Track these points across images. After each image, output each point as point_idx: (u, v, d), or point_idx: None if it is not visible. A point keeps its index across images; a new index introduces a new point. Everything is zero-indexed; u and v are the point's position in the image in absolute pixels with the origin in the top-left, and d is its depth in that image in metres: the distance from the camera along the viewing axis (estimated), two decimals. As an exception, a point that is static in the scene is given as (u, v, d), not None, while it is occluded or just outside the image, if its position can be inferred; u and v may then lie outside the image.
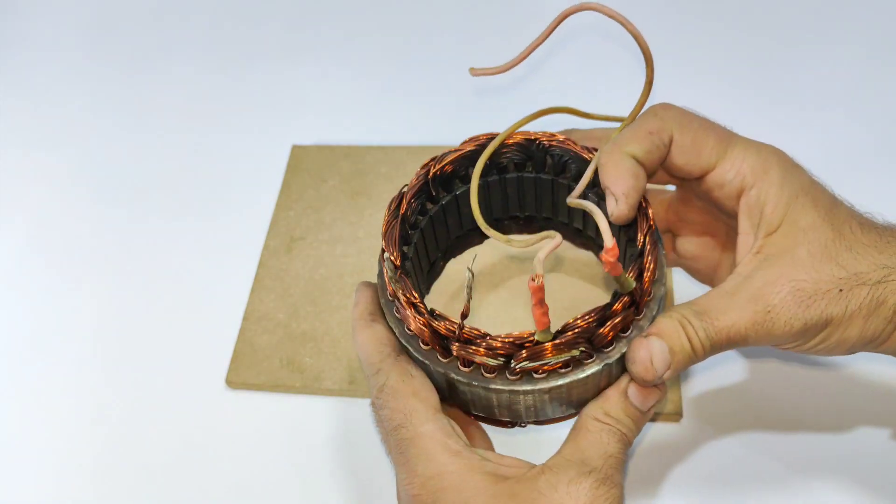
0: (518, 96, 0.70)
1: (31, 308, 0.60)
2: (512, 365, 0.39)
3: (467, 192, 0.44)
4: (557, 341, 0.38)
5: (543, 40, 0.40)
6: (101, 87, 0.75)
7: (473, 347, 0.39)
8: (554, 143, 0.44)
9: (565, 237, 0.49)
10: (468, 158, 0.45)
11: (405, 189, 0.44)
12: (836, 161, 0.60)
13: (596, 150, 0.43)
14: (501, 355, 0.39)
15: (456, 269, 0.49)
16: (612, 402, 0.41)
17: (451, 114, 0.70)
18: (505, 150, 0.45)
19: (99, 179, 0.68)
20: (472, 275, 0.39)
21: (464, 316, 0.40)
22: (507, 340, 0.39)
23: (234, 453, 0.52)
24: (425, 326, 0.40)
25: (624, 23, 0.38)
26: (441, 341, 0.40)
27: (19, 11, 0.83)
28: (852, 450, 0.50)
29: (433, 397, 0.41)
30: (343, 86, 0.73)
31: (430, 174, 0.44)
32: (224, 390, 0.55)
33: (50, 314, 0.60)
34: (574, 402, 0.42)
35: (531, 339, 0.39)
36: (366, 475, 0.51)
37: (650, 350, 0.39)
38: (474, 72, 0.40)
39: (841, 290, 0.39)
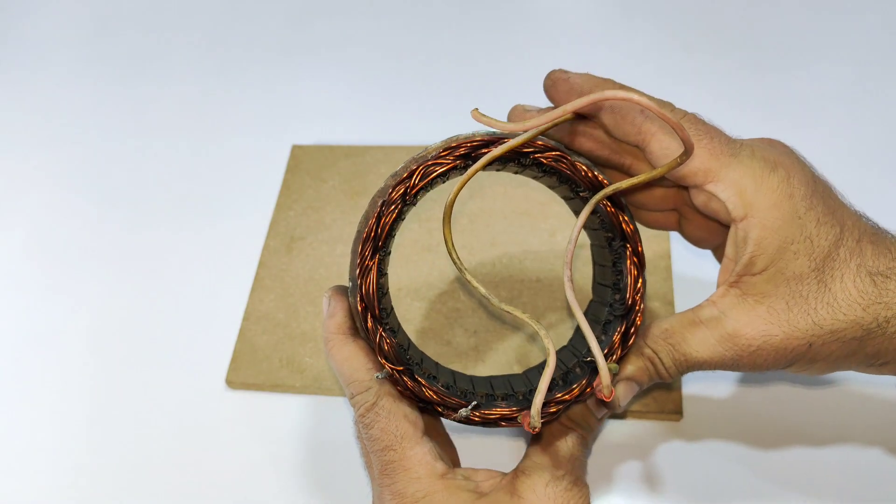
0: (518, 97, 0.70)
1: (32, 308, 0.60)
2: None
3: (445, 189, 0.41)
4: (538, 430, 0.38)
5: (549, 126, 0.38)
6: (101, 87, 0.75)
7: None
8: (550, 161, 0.41)
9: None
10: (451, 168, 0.41)
11: (384, 198, 0.40)
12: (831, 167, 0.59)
13: (596, 172, 0.41)
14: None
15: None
16: (574, 409, 0.43)
17: (451, 114, 0.69)
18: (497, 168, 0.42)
19: (99, 180, 0.68)
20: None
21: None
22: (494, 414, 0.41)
23: (234, 453, 0.52)
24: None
25: (657, 111, 0.36)
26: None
27: (19, 13, 0.83)
28: (852, 450, 0.50)
29: (420, 420, 0.41)
30: (343, 86, 0.73)
31: (412, 183, 0.40)
32: (224, 390, 0.55)
33: (50, 314, 0.60)
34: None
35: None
36: (365, 475, 0.51)
37: (617, 396, 0.41)
38: (476, 116, 0.38)
39: (811, 346, 0.38)
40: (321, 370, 0.54)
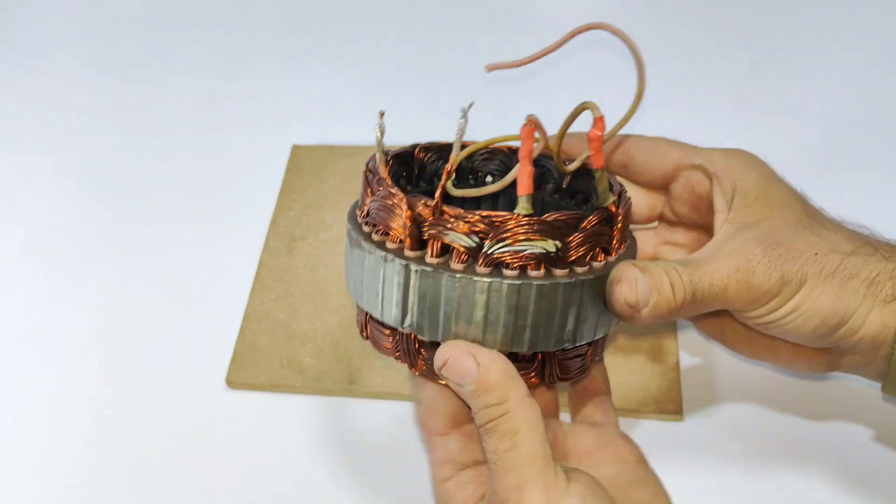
0: (518, 96, 0.70)
1: (31, 308, 0.60)
2: (485, 249, 0.36)
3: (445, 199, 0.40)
4: (539, 219, 0.36)
5: (556, 48, 0.39)
6: (101, 87, 0.75)
7: (448, 220, 0.36)
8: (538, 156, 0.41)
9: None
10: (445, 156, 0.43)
11: (389, 152, 0.42)
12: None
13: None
14: (475, 233, 0.36)
15: None
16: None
17: (452, 114, 0.69)
18: (486, 159, 0.44)
19: (99, 180, 0.68)
20: (466, 120, 0.35)
21: (448, 175, 0.36)
22: (485, 216, 0.36)
23: (235, 453, 0.52)
24: (405, 203, 0.37)
25: (627, 41, 0.37)
26: (418, 227, 0.37)
27: (19, 13, 0.83)
28: (852, 450, 0.50)
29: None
30: (343, 86, 0.73)
31: (417, 151, 0.43)
32: (224, 390, 0.55)
33: (50, 314, 0.60)
34: (539, 332, 0.38)
35: (511, 216, 0.36)
36: (365, 475, 0.51)
37: (634, 273, 0.38)
38: (490, 67, 0.39)
39: (816, 254, 0.40)
40: (321, 370, 0.54)
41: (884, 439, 0.50)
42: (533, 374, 0.40)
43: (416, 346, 0.40)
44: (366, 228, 0.40)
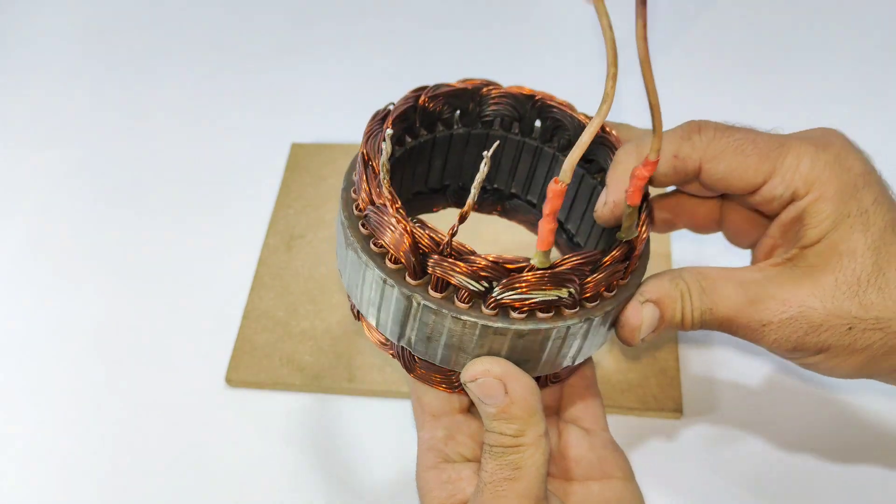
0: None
1: (31, 305, 0.60)
2: (493, 294, 0.34)
3: (446, 137, 0.41)
4: (554, 271, 0.33)
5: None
6: (100, 85, 0.75)
7: (457, 264, 0.33)
8: (555, 104, 0.40)
9: (530, 222, 0.46)
10: (458, 98, 0.41)
11: (391, 106, 0.39)
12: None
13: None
14: (485, 278, 0.33)
15: None
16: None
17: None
18: (496, 102, 0.41)
19: (99, 178, 0.68)
20: (488, 166, 0.32)
21: (462, 219, 0.33)
22: (496, 261, 0.33)
23: (234, 451, 0.52)
24: (407, 234, 0.34)
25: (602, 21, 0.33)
26: (421, 258, 0.34)
27: (19, 13, 0.83)
28: (852, 450, 0.50)
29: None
30: (342, 84, 0.73)
31: (420, 101, 0.40)
32: (224, 388, 0.55)
33: (49, 312, 0.60)
34: (540, 364, 0.37)
35: (524, 264, 0.34)
36: (365, 473, 0.51)
37: (641, 318, 0.37)
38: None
39: (850, 329, 0.36)
40: (321, 368, 0.54)
41: (885, 440, 0.50)
42: None
43: (414, 356, 0.38)
44: (363, 230, 0.36)
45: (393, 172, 0.38)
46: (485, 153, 0.32)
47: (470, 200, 0.32)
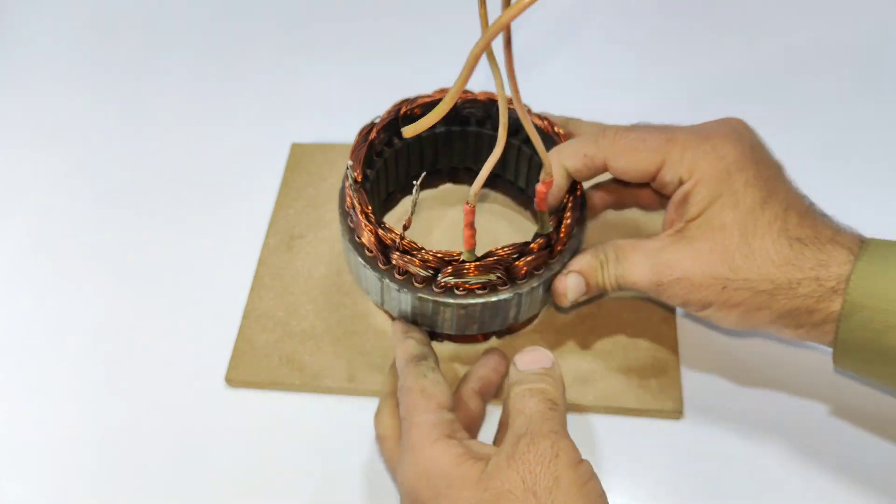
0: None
1: (30, 306, 0.60)
2: (438, 279, 0.46)
3: (432, 136, 0.55)
4: (479, 263, 0.45)
5: (464, 84, 0.41)
6: (100, 85, 0.75)
7: (409, 258, 0.46)
8: (510, 107, 0.48)
9: (508, 193, 0.59)
10: (434, 105, 0.49)
11: (376, 120, 0.52)
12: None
13: (545, 118, 0.52)
14: (431, 268, 0.46)
15: (408, 203, 0.57)
16: (510, 373, 0.46)
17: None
18: (469, 106, 0.53)
19: (98, 178, 0.68)
20: (418, 190, 0.46)
21: (405, 227, 0.47)
22: (437, 255, 0.46)
23: (234, 451, 0.52)
24: (372, 234, 0.46)
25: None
26: (383, 250, 0.47)
27: (19, 12, 0.83)
28: (852, 450, 0.50)
29: (440, 395, 0.44)
30: (342, 84, 0.73)
31: (402, 112, 0.52)
32: (224, 388, 0.55)
33: (49, 312, 0.60)
34: (485, 324, 0.49)
35: (458, 257, 0.46)
36: (365, 473, 0.51)
37: (566, 286, 0.48)
38: (407, 132, 0.43)
39: (724, 288, 0.44)
40: (321, 368, 0.54)
41: (885, 440, 0.50)
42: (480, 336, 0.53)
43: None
44: (350, 224, 0.49)
45: (392, 163, 0.55)
46: (414, 181, 0.46)
47: (410, 216, 0.47)
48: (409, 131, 0.43)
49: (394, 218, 0.59)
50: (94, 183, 0.67)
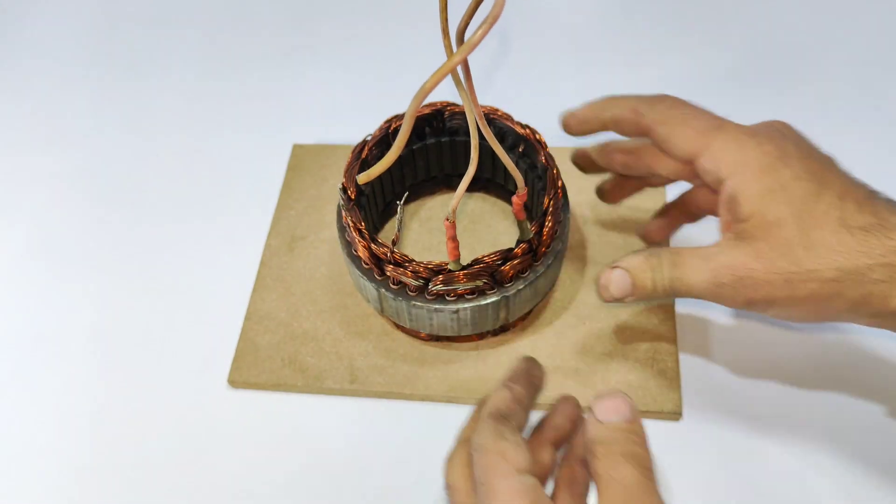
0: (517, 96, 0.70)
1: (32, 307, 0.61)
2: (429, 287, 0.49)
3: (423, 148, 0.57)
4: (467, 270, 0.48)
5: (410, 124, 0.43)
6: (102, 87, 0.75)
7: (402, 269, 0.49)
8: (495, 116, 0.54)
9: (498, 195, 0.62)
10: (425, 119, 0.55)
11: (368, 138, 0.54)
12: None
13: (526, 126, 0.53)
14: (422, 278, 0.49)
15: (407, 211, 0.60)
16: (591, 425, 0.41)
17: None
18: (456, 118, 0.56)
19: (101, 180, 0.68)
20: (402, 210, 0.51)
21: (393, 243, 0.52)
22: (428, 266, 0.48)
23: (237, 452, 0.52)
24: (366, 249, 0.49)
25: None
26: (377, 263, 0.50)
27: (19, 13, 0.83)
28: (853, 451, 0.50)
29: (520, 458, 0.40)
30: (344, 85, 0.73)
31: (391, 128, 0.54)
32: (226, 389, 0.55)
33: (51, 314, 0.60)
34: (477, 325, 0.51)
35: (447, 267, 0.49)
36: (367, 474, 0.51)
37: (610, 279, 0.46)
38: (361, 179, 0.46)
39: (788, 282, 0.43)
40: (323, 369, 0.54)
41: (886, 439, 0.50)
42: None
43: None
44: (347, 238, 0.52)
45: (387, 175, 0.57)
46: (398, 202, 0.53)
47: (396, 231, 0.55)
48: (362, 178, 0.46)
49: (393, 226, 0.60)
50: (96, 185, 0.68)
